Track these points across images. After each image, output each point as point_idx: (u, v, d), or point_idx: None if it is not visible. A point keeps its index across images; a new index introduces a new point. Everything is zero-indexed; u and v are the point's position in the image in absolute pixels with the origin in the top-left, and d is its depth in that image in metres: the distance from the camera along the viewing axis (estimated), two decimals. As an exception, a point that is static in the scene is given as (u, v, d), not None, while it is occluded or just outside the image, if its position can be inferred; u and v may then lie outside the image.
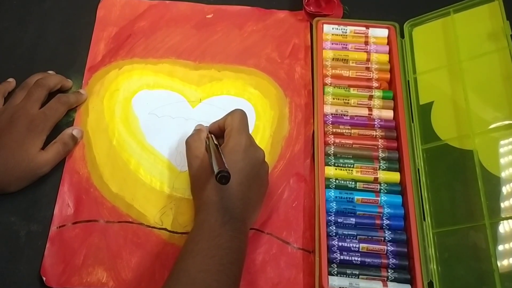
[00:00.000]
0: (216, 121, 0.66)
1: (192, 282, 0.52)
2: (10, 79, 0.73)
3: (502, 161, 0.63)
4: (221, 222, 0.56)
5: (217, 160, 0.55)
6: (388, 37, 0.76)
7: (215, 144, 0.61)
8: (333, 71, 0.74)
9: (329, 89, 0.72)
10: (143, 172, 0.68)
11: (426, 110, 0.71)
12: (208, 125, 0.70)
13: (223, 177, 0.52)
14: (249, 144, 0.61)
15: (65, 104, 0.69)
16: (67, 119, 0.71)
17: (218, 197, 0.57)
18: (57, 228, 0.64)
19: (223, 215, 0.56)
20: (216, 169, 0.53)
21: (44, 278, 0.61)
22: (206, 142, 0.63)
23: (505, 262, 0.58)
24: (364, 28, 0.77)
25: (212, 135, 0.64)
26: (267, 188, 0.64)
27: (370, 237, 0.64)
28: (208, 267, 0.53)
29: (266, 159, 0.66)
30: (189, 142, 0.66)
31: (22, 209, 0.65)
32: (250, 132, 0.70)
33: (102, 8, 0.80)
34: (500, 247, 0.59)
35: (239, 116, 0.63)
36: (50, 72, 0.73)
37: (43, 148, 0.66)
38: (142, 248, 0.64)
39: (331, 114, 0.71)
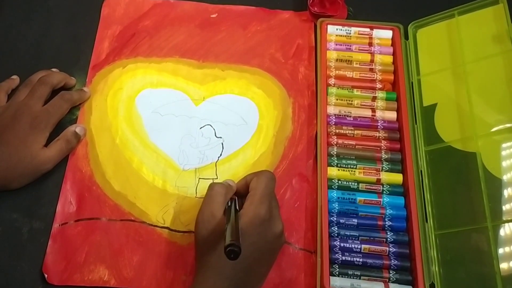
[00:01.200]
0: (244, 177, 0.62)
1: None
2: (14, 76, 0.73)
3: (505, 163, 0.63)
4: None
5: (232, 231, 0.51)
6: (392, 38, 0.76)
7: (236, 210, 0.57)
8: (337, 72, 0.74)
9: (332, 90, 0.72)
10: (145, 171, 0.68)
11: (429, 112, 0.70)
12: (211, 124, 0.69)
13: (232, 252, 0.48)
14: (269, 217, 0.57)
15: (68, 102, 0.69)
16: (70, 117, 0.71)
17: (222, 263, 0.55)
18: (59, 225, 0.64)
19: (222, 282, 0.54)
20: (227, 241, 0.49)
21: (46, 275, 0.61)
22: (227, 204, 0.60)
23: (507, 265, 0.58)
24: (368, 29, 0.77)
25: (237, 198, 0.61)
26: (276, 259, 0.61)
27: (372, 238, 0.64)
28: None
29: (268, 159, 0.67)
30: (212, 190, 0.60)
31: (24, 206, 0.65)
32: (253, 131, 0.71)
33: (107, 6, 0.80)
34: (502, 250, 0.59)
35: (265, 180, 0.59)
36: (53, 69, 0.73)
37: (46, 145, 0.66)
38: (144, 246, 0.64)
39: (334, 115, 0.71)
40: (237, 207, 0.59)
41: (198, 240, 0.58)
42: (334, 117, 0.71)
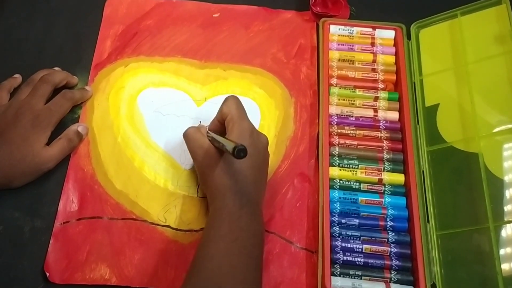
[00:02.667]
0: (213, 118, 0.66)
1: (218, 266, 0.53)
2: (16, 75, 0.73)
3: (507, 164, 0.63)
4: (239, 205, 0.57)
5: (227, 141, 0.55)
6: (395, 38, 0.76)
7: (219, 134, 0.61)
8: (339, 71, 0.74)
9: (334, 90, 0.72)
10: (147, 170, 0.68)
11: (431, 112, 0.70)
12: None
13: (241, 150, 0.51)
14: (252, 129, 0.61)
15: (70, 100, 0.69)
16: (72, 116, 0.71)
17: (233, 181, 0.58)
18: (61, 224, 0.64)
19: (240, 198, 0.57)
20: (230, 147, 0.52)
21: (47, 274, 0.61)
22: (207, 135, 0.63)
23: (508, 266, 0.58)
24: (370, 29, 0.76)
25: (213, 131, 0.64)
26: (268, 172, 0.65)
27: (373, 238, 0.63)
28: (232, 250, 0.54)
29: (270, 159, 0.67)
30: (189, 134, 0.64)
31: (26, 204, 0.65)
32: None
33: (109, 5, 0.80)
34: (504, 250, 0.59)
35: (234, 102, 0.63)
36: (56, 68, 0.73)
37: (48, 144, 0.66)
38: (146, 245, 0.64)
39: (336, 114, 0.71)
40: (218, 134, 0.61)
41: (202, 173, 0.62)
42: (336, 117, 0.71)
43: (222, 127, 0.63)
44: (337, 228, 0.64)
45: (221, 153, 0.59)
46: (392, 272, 0.61)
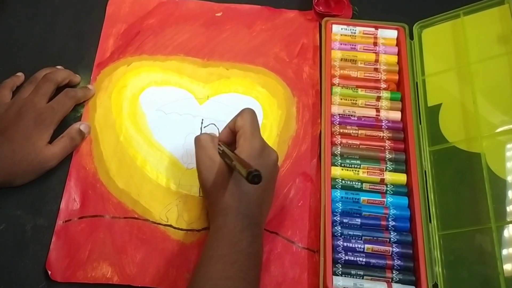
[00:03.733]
0: (226, 126, 0.63)
1: None
2: (19, 73, 0.73)
3: (510, 164, 0.63)
4: (240, 228, 0.56)
5: (242, 162, 0.53)
6: (397, 38, 0.76)
7: (231, 150, 0.59)
8: (341, 71, 0.74)
9: (337, 90, 0.72)
10: (149, 169, 0.68)
11: (434, 112, 0.70)
12: (215, 122, 0.70)
13: (256, 176, 0.50)
14: (263, 147, 0.59)
15: (73, 99, 0.69)
16: (74, 114, 0.71)
17: (237, 202, 0.57)
18: (63, 222, 0.64)
19: (242, 220, 0.56)
20: (244, 172, 0.51)
21: (49, 272, 0.61)
22: (219, 149, 0.61)
23: (510, 266, 0.58)
24: (373, 29, 0.76)
25: (225, 145, 0.62)
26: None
27: (375, 238, 0.63)
28: (230, 274, 0.53)
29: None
30: (201, 140, 0.62)
31: (28, 202, 0.65)
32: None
33: (112, 4, 0.80)
34: (506, 251, 0.59)
35: (250, 117, 0.61)
36: (58, 67, 0.74)
37: (50, 142, 0.66)
38: (147, 244, 0.64)
39: (339, 114, 0.71)
40: (231, 150, 0.60)
41: (206, 188, 0.60)
42: (338, 117, 0.71)
43: (233, 137, 0.62)
44: (339, 228, 0.64)
45: (230, 170, 0.58)
46: (394, 272, 0.61)
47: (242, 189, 0.57)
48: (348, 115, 0.71)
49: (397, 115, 0.71)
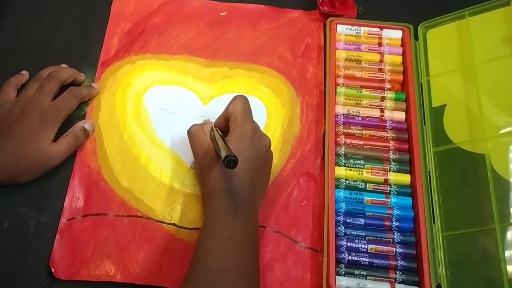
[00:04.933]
0: (220, 114, 0.66)
1: (216, 262, 0.54)
2: (24, 72, 0.73)
3: (514, 166, 0.63)
4: (234, 206, 0.57)
5: (223, 146, 0.56)
6: (402, 38, 0.76)
7: (220, 134, 0.61)
8: (346, 71, 0.73)
9: (341, 90, 0.72)
10: (153, 167, 0.68)
11: (438, 112, 0.70)
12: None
13: (231, 161, 0.53)
14: (255, 131, 0.61)
15: (77, 97, 0.69)
16: (79, 113, 0.71)
17: (229, 183, 0.59)
18: (66, 220, 0.64)
19: (235, 200, 0.58)
20: (223, 154, 0.54)
21: (53, 270, 0.61)
22: (210, 134, 0.63)
23: (514, 267, 0.58)
24: (378, 29, 0.76)
25: (217, 128, 0.64)
26: (270, 173, 0.65)
27: (379, 238, 0.63)
28: (229, 247, 0.55)
29: (276, 158, 0.67)
30: (192, 132, 0.65)
31: (32, 200, 0.65)
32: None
33: (116, 3, 0.80)
34: (510, 252, 0.59)
35: (241, 102, 0.63)
36: (63, 65, 0.74)
37: (54, 140, 0.66)
38: (151, 242, 0.64)
39: (343, 114, 0.71)
40: (221, 134, 0.62)
41: (200, 172, 0.65)
42: (342, 117, 0.70)
43: (227, 124, 0.64)
44: (343, 228, 0.64)
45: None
46: (397, 273, 0.61)
47: (233, 170, 0.58)
48: (352, 115, 0.71)
49: (401, 116, 0.71)
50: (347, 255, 0.62)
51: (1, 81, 0.71)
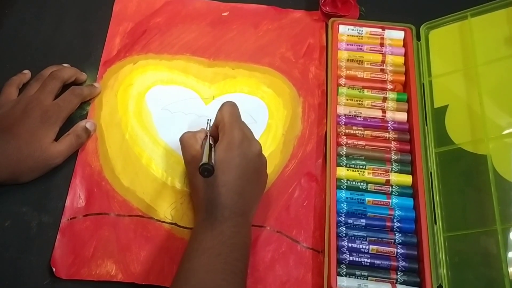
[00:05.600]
0: (214, 123, 0.65)
1: (201, 282, 0.53)
2: (25, 71, 0.73)
3: (516, 167, 0.63)
4: (221, 219, 0.56)
5: (205, 154, 0.55)
6: (404, 39, 0.76)
7: (210, 143, 0.60)
8: (348, 72, 0.73)
9: (343, 90, 0.72)
10: (154, 167, 0.68)
11: (440, 113, 0.70)
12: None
13: (205, 170, 0.52)
14: (242, 138, 0.60)
15: (79, 96, 0.69)
16: (80, 112, 0.71)
17: (215, 194, 0.57)
18: (68, 219, 0.64)
19: (222, 211, 0.57)
20: (201, 162, 0.53)
21: (54, 269, 0.61)
22: (202, 142, 0.62)
23: (516, 269, 0.58)
24: (380, 30, 0.76)
25: (211, 137, 0.63)
26: (266, 180, 0.65)
27: (380, 239, 0.63)
28: (215, 266, 0.53)
29: (277, 158, 0.67)
30: (183, 140, 0.64)
31: (34, 200, 0.65)
32: (263, 130, 0.71)
33: (119, 2, 0.80)
34: (511, 253, 0.59)
35: (228, 109, 0.62)
36: (65, 64, 0.74)
37: (56, 139, 0.66)
38: (152, 242, 0.64)
39: (344, 115, 0.71)
40: (212, 142, 0.61)
41: (190, 182, 0.64)
42: (344, 117, 0.70)
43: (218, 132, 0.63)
44: (344, 228, 0.63)
45: None
46: (399, 273, 0.61)
47: (220, 180, 0.57)
48: (354, 116, 0.71)
49: (403, 116, 0.71)
50: (348, 255, 0.62)
51: (3, 80, 0.71)
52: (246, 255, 0.57)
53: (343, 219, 0.64)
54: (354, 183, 0.66)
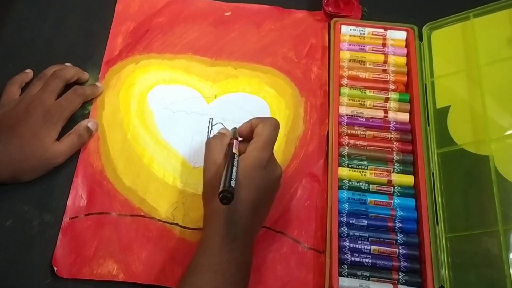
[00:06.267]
0: (249, 120, 0.62)
1: None
2: (28, 70, 0.73)
3: (518, 168, 0.62)
4: (232, 237, 0.55)
5: (226, 176, 0.53)
6: (407, 39, 0.76)
7: (234, 154, 0.58)
8: (350, 72, 0.73)
9: (345, 90, 0.72)
10: (156, 167, 0.68)
11: (442, 114, 0.70)
12: (223, 121, 0.70)
13: (225, 198, 0.51)
14: (270, 161, 0.59)
15: (81, 96, 0.69)
16: (82, 112, 0.71)
17: (231, 210, 0.55)
18: (69, 219, 0.65)
19: (234, 229, 0.55)
20: (221, 187, 0.51)
21: (55, 268, 0.61)
22: (226, 149, 0.61)
23: (517, 270, 0.58)
24: (382, 30, 0.76)
25: (235, 141, 0.61)
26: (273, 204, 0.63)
27: (382, 239, 0.63)
28: (219, 284, 0.53)
29: (279, 158, 0.67)
30: (209, 144, 0.62)
31: (35, 199, 0.66)
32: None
33: (121, 2, 0.80)
34: (513, 255, 0.59)
35: (271, 128, 0.60)
36: (67, 64, 0.74)
37: (58, 139, 0.66)
38: (153, 242, 0.64)
39: (346, 115, 0.71)
40: (236, 151, 0.59)
41: (205, 188, 0.60)
42: (346, 118, 0.70)
43: (250, 134, 0.61)
44: (345, 229, 0.63)
45: None
46: (400, 274, 0.61)
47: (240, 197, 0.55)
48: (356, 116, 0.71)
49: (405, 117, 0.71)
50: (349, 256, 0.62)
51: (5, 79, 0.71)
52: (249, 275, 0.57)
53: (345, 219, 0.64)
54: (356, 183, 0.66)
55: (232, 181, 0.52)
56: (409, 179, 0.67)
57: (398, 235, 0.63)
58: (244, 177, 0.56)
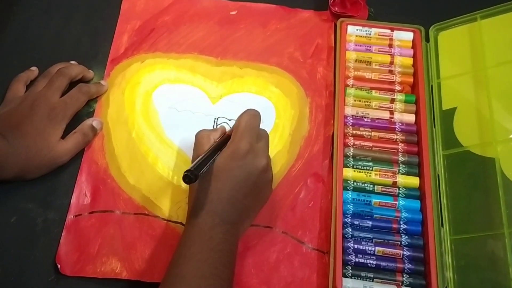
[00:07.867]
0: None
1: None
2: (33, 68, 0.73)
3: (524, 170, 0.62)
4: (211, 225, 0.56)
5: (198, 160, 0.55)
6: (413, 40, 0.75)
7: (216, 146, 0.60)
8: (356, 72, 0.73)
9: (350, 91, 0.72)
10: (160, 165, 0.68)
11: (448, 115, 0.70)
12: (228, 122, 0.70)
13: (186, 177, 0.52)
14: (248, 151, 0.59)
15: (86, 94, 0.69)
16: (87, 110, 0.71)
17: (208, 199, 0.57)
18: (73, 217, 0.64)
19: (212, 218, 0.56)
20: (189, 167, 0.53)
21: (59, 266, 0.61)
22: (212, 144, 0.62)
23: (523, 273, 0.57)
24: (388, 31, 0.76)
25: (219, 133, 0.63)
26: (269, 196, 0.63)
27: (386, 240, 0.63)
28: (202, 272, 0.53)
29: (284, 158, 0.67)
30: (197, 137, 0.63)
31: (40, 196, 0.66)
32: (270, 130, 0.70)
33: (127, 1, 0.80)
34: (518, 257, 0.58)
35: (246, 118, 0.62)
36: (72, 62, 0.74)
37: (63, 137, 0.66)
38: (157, 240, 0.64)
39: (352, 115, 0.70)
40: (219, 141, 0.61)
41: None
42: (351, 118, 0.70)
43: None
44: (350, 230, 0.63)
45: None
46: (404, 276, 0.61)
47: (214, 187, 0.57)
48: (362, 117, 0.70)
49: (411, 118, 0.70)
50: (354, 257, 0.61)
51: (10, 76, 0.71)
52: (233, 263, 0.57)
53: (349, 220, 0.64)
54: (360, 184, 0.66)
55: (203, 167, 0.54)
56: (414, 181, 0.66)
57: (403, 236, 0.63)
58: (220, 169, 0.57)
